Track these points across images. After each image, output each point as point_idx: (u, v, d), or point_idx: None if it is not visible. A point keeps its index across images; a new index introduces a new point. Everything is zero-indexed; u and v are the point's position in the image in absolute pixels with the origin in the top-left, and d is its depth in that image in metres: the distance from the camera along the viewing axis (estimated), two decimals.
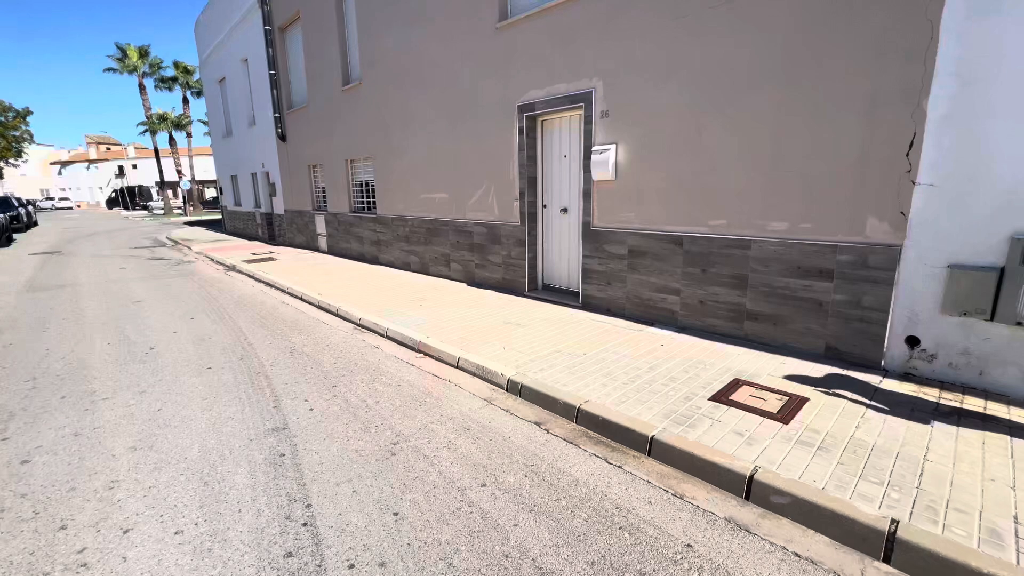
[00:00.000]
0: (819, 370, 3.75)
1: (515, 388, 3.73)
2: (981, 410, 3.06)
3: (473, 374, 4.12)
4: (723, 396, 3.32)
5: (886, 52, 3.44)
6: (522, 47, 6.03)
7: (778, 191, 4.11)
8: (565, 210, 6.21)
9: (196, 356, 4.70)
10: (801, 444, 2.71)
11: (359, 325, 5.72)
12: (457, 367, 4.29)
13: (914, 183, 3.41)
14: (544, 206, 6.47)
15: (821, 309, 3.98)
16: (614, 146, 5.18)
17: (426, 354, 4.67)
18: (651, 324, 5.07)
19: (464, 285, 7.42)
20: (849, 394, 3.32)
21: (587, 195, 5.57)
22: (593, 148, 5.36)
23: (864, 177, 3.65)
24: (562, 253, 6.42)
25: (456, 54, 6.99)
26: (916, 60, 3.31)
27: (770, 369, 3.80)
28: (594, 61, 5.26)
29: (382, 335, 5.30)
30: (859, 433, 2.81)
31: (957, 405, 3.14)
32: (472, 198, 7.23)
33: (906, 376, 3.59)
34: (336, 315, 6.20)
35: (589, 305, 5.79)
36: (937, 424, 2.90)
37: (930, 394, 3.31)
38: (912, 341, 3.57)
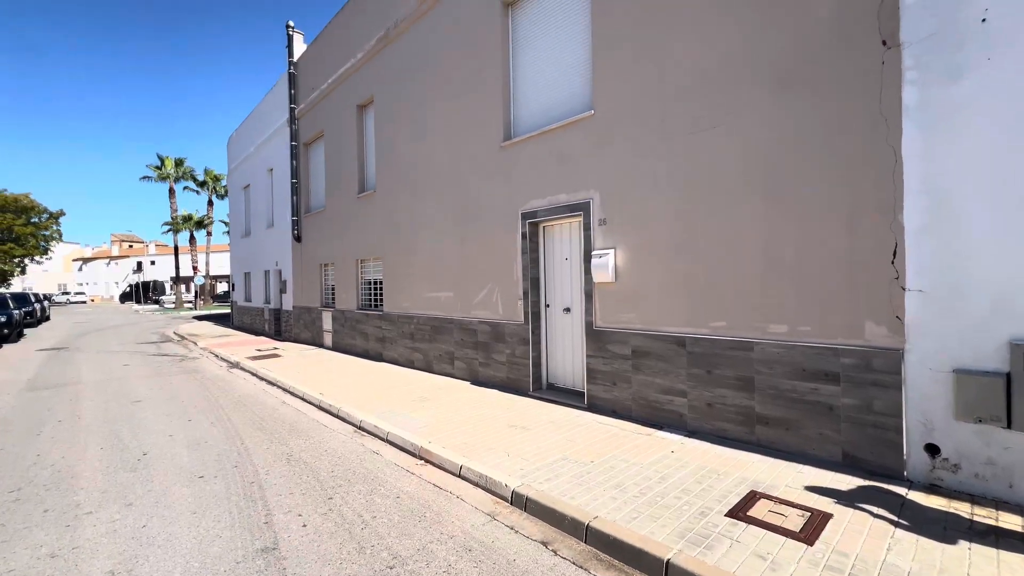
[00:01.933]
0: (839, 480, 3.57)
1: (520, 501, 3.54)
2: (1019, 529, 2.86)
3: (476, 484, 3.94)
4: (740, 511, 3.14)
5: (859, 171, 3.75)
6: (524, 162, 6.61)
7: (774, 294, 4.23)
8: (568, 310, 6.35)
9: (189, 463, 4.54)
10: (830, 571, 2.50)
11: (359, 428, 5.58)
12: (459, 476, 4.11)
13: (904, 289, 3.52)
14: (547, 306, 6.62)
15: (832, 413, 3.89)
16: (613, 251, 5.45)
17: (427, 461, 4.49)
18: (659, 427, 4.92)
19: (468, 384, 7.33)
20: (875, 509, 3.12)
21: (589, 296, 5.73)
22: (593, 252, 5.63)
23: (856, 282, 3.78)
24: (566, 352, 6.44)
25: (464, 168, 7.64)
26: (886, 179, 3.60)
27: (787, 479, 3.62)
28: (590, 175, 5.73)
29: (383, 439, 5.14)
30: (891, 557, 2.61)
31: (992, 523, 2.94)
32: (477, 297, 7.43)
33: (932, 488, 3.40)
34: (336, 416, 6.07)
35: (595, 406, 5.67)
36: (975, 546, 2.69)
37: (961, 509, 3.11)
38: (932, 449, 3.43)
